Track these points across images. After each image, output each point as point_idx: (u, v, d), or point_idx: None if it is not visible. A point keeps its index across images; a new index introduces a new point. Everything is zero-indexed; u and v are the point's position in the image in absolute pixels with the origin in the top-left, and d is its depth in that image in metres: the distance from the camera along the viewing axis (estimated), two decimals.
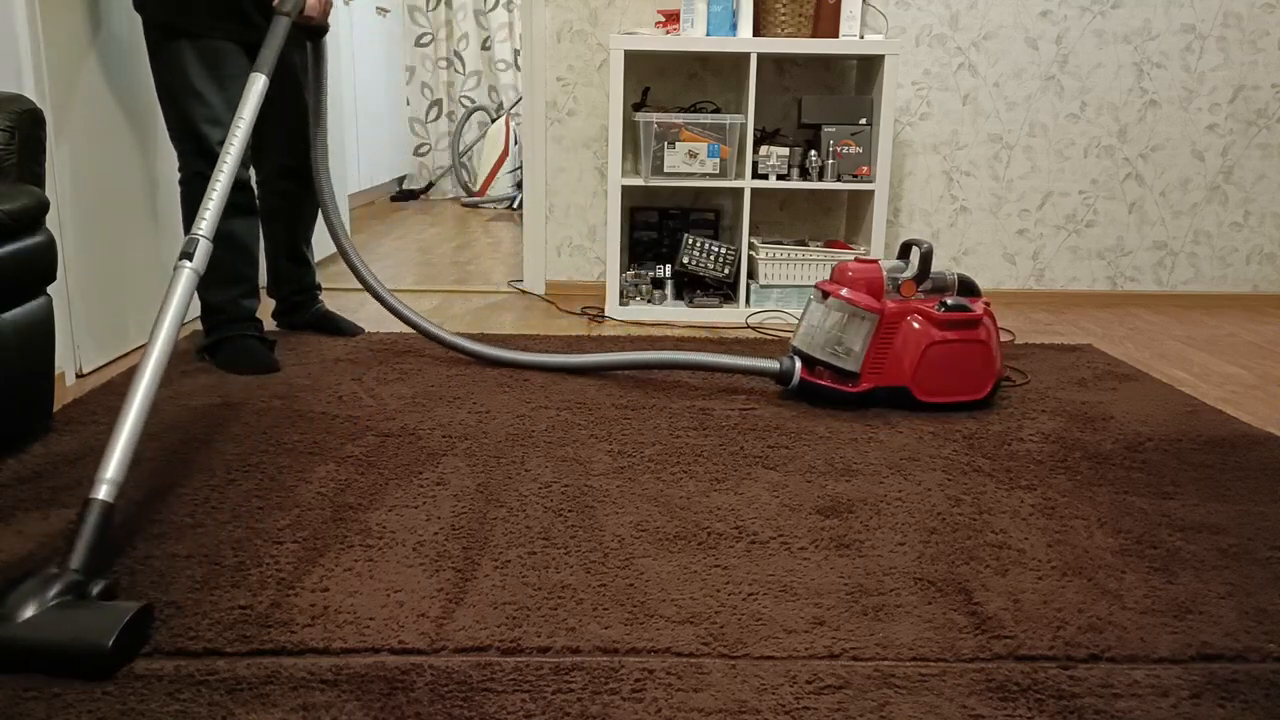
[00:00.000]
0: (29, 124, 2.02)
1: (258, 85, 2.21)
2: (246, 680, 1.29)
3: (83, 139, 2.53)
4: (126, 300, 2.76)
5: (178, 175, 2.58)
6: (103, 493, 1.48)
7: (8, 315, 1.94)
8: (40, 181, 2.07)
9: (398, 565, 1.59)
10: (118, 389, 2.41)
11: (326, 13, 2.61)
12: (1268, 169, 3.67)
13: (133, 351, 2.79)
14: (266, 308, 2.85)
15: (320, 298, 3.05)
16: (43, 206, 2.00)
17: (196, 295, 2.62)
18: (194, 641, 1.36)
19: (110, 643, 1.29)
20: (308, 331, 2.99)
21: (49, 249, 2.03)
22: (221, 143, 2.49)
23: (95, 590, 1.39)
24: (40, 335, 2.04)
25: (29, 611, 1.32)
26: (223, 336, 2.62)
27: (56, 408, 2.25)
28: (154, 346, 1.70)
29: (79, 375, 2.56)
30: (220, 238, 2.57)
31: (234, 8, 2.48)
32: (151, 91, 2.87)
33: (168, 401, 2.34)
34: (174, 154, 3.07)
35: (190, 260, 1.86)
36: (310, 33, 2.62)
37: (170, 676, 1.29)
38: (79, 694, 1.25)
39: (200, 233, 1.92)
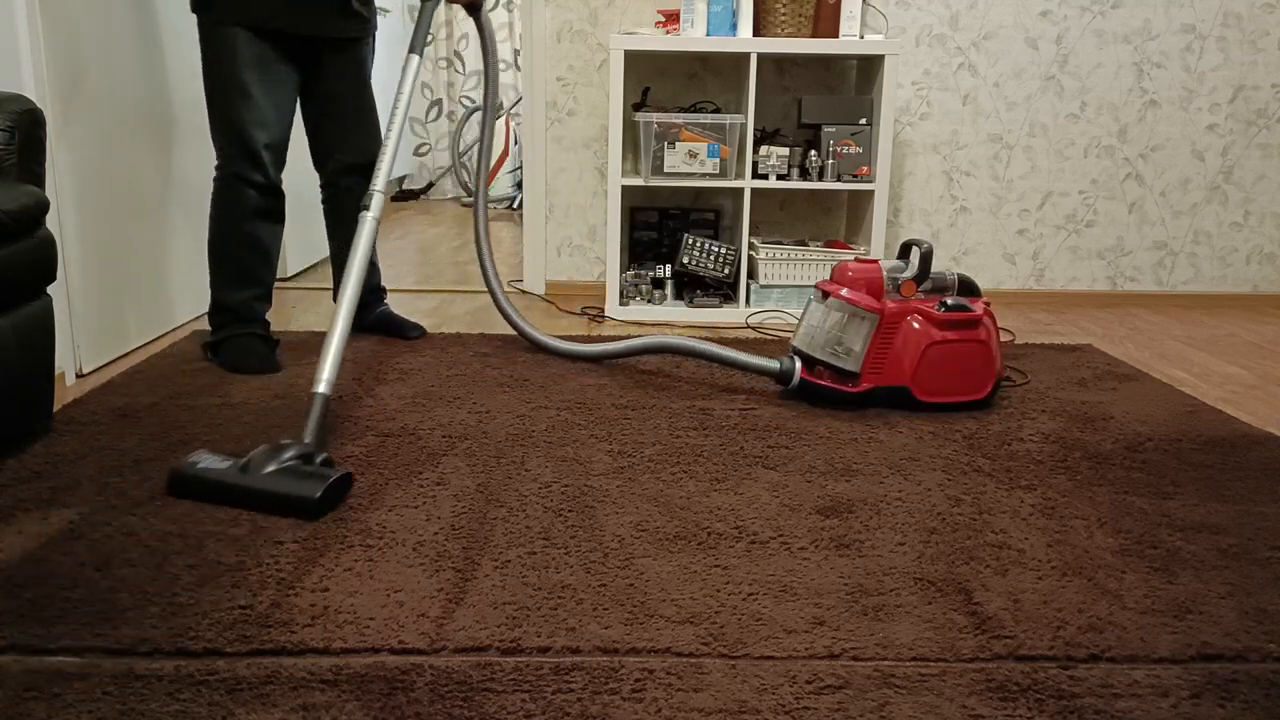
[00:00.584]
0: (29, 124, 2.02)
1: (413, 65, 2.37)
2: (246, 680, 1.29)
3: (83, 139, 2.53)
4: (126, 300, 2.76)
5: (214, 172, 2.58)
6: (323, 388, 2.00)
7: (8, 315, 1.94)
8: (40, 181, 2.07)
9: (398, 565, 1.59)
10: (118, 389, 2.41)
11: None
12: (1268, 169, 3.67)
13: (133, 352, 2.79)
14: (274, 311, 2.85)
15: (385, 299, 3.03)
16: (43, 206, 2.00)
17: (211, 294, 2.65)
18: (194, 641, 1.36)
19: (317, 495, 1.74)
20: (371, 334, 2.96)
21: (49, 249, 2.03)
22: (268, 145, 2.53)
23: (319, 459, 1.85)
24: (40, 335, 2.04)
25: (268, 469, 1.80)
26: (228, 335, 2.62)
27: (56, 408, 2.25)
28: (350, 283, 2.13)
29: (79, 375, 2.56)
30: (245, 240, 2.59)
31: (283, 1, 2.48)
32: (151, 91, 2.87)
33: (168, 401, 2.34)
34: (173, 154, 3.07)
35: (369, 210, 2.23)
36: (468, 8, 2.70)
37: (170, 676, 1.29)
38: (79, 694, 1.25)
39: (376, 187, 2.26)
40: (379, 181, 2.27)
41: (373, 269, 2.97)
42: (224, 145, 2.54)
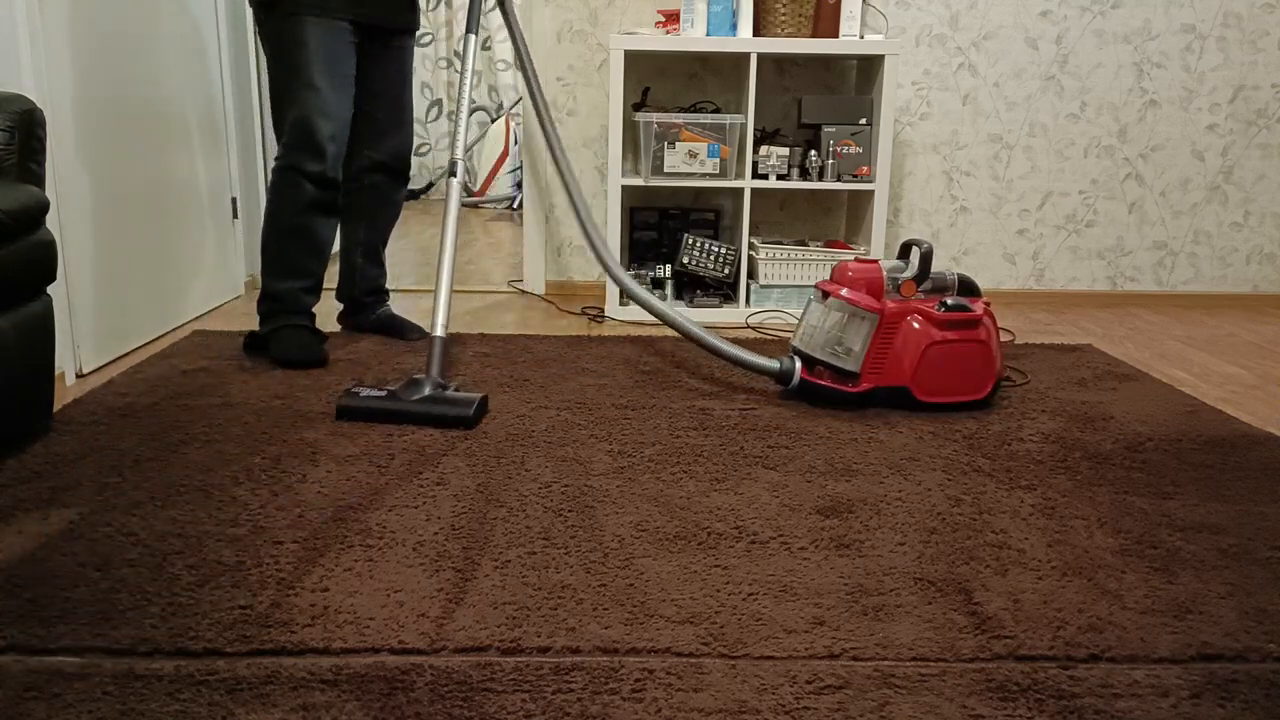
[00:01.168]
0: (29, 124, 2.02)
1: (471, 44, 2.52)
2: (246, 680, 1.29)
3: (83, 139, 2.53)
4: (126, 300, 2.76)
5: (274, 163, 2.60)
6: (439, 331, 2.37)
7: (8, 315, 1.94)
8: (40, 181, 2.07)
9: (398, 565, 1.59)
10: (118, 389, 2.41)
11: None
12: (1268, 169, 3.67)
13: (133, 352, 2.79)
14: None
15: (387, 301, 3.03)
16: (43, 206, 2.00)
17: (262, 282, 2.66)
18: (194, 641, 1.36)
19: (472, 411, 2.20)
20: (371, 334, 2.96)
21: (49, 249, 2.03)
22: (331, 137, 2.54)
23: (452, 388, 2.32)
24: (40, 335, 2.03)
25: (416, 396, 2.24)
26: (278, 326, 2.62)
27: (56, 408, 2.25)
28: (447, 240, 2.44)
29: (79, 375, 2.56)
30: (298, 232, 2.60)
31: None
32: (151, 91, 2.87)
33: (168, 401, 2.34)
34: (173, 154, 3.08)
35: (455, 175, 2.47)
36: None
37: (170, 676, 1.29)
38: (79, 694, 1.25)
39: (458, 155, 2.48)
40: (458, 150, 2.49)
41: (379, 270, 2.97)
42: (288, 138, 2.55)
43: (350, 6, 2.51)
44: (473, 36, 2.56)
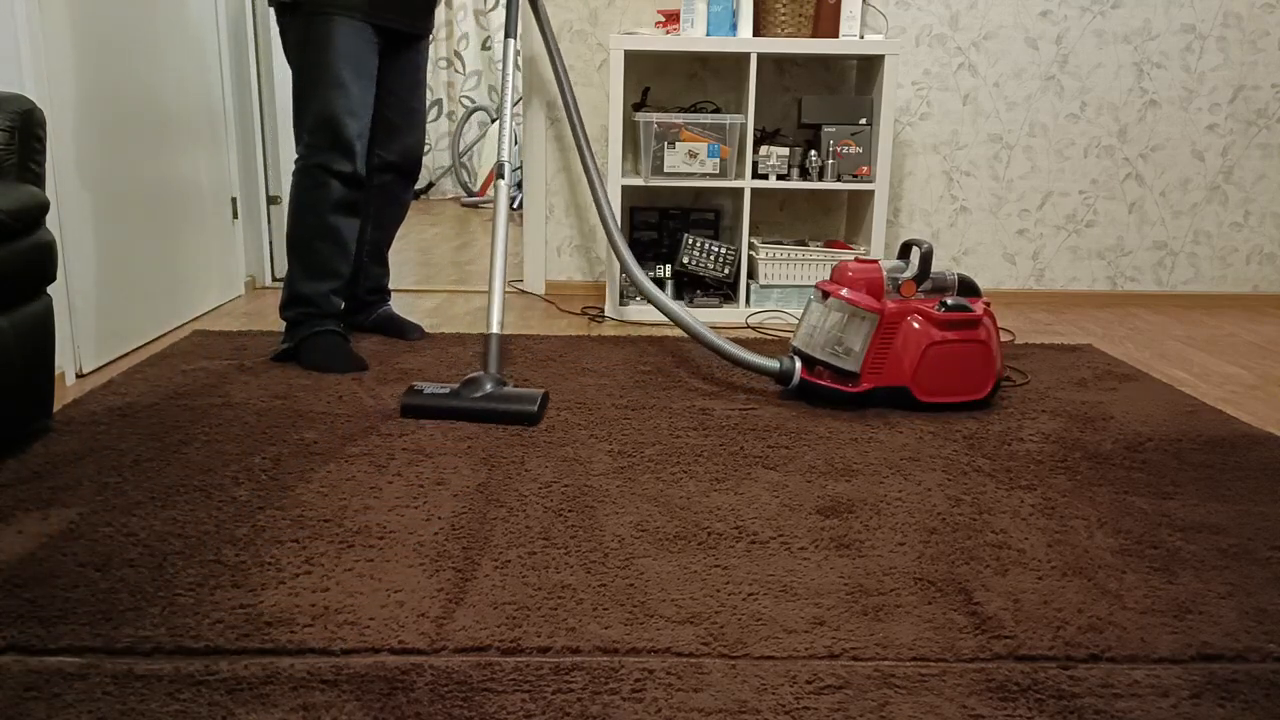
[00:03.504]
0: (29, 124, 2.02)
1: (510, 49, 2.56)
2: (246, 680, 1.29)
3: (83, 139, 2.53)
4: (126, 300, 2.76)
5: (295, 164, 2.58)
6: (495, 328, 2.43)
7: (8, 315, 1.94)
8: (40, 181, 2.07)
9: (398, 565, 1.59)
10: (118, 389, 2.41)
11: None
12: (1268, 169, 3.67)
13: (133, 352, 2.79)
14: (273, 310, 2.85)
15: (389, 300, 3.03)
16: (43, 206, 2.00)
17: (286, 288, 2.63)
18: (194, 641, 1.36)
19: (536, 407, 2.24)
20: (371, 333, 2.96)
21: (49, 249, 2.03)
22: (359, 135, 2.53)
23: (509, 384, 2.35)
24: (40, 335, 2.03)
25: (483, 392, 2.28)
26: (310, 333, 2.60)
27: (56, 408, 2.25)
28: (498, 238, 2.50)
29: (79, 375, 2.56)
30: (327, 232, 2.58)
31: None
32: (151, 91, 2.87)
33: (168, 401, 2.34)
34: (173, 154, 3.07)
35: (503, 177, 2.52)
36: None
37: (170, 676, 1.29)
38: (79, 694, 1.25)
39: (504, 157, 2.54)
40: (504, 151, 2.55)
41: (382, 270, 2.96)
42: (312, 136, 2.53)
43: (372, 10, 2.51)
44: (512, 41, 2.61)
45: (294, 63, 2.54)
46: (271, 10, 2.61)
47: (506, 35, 2.63)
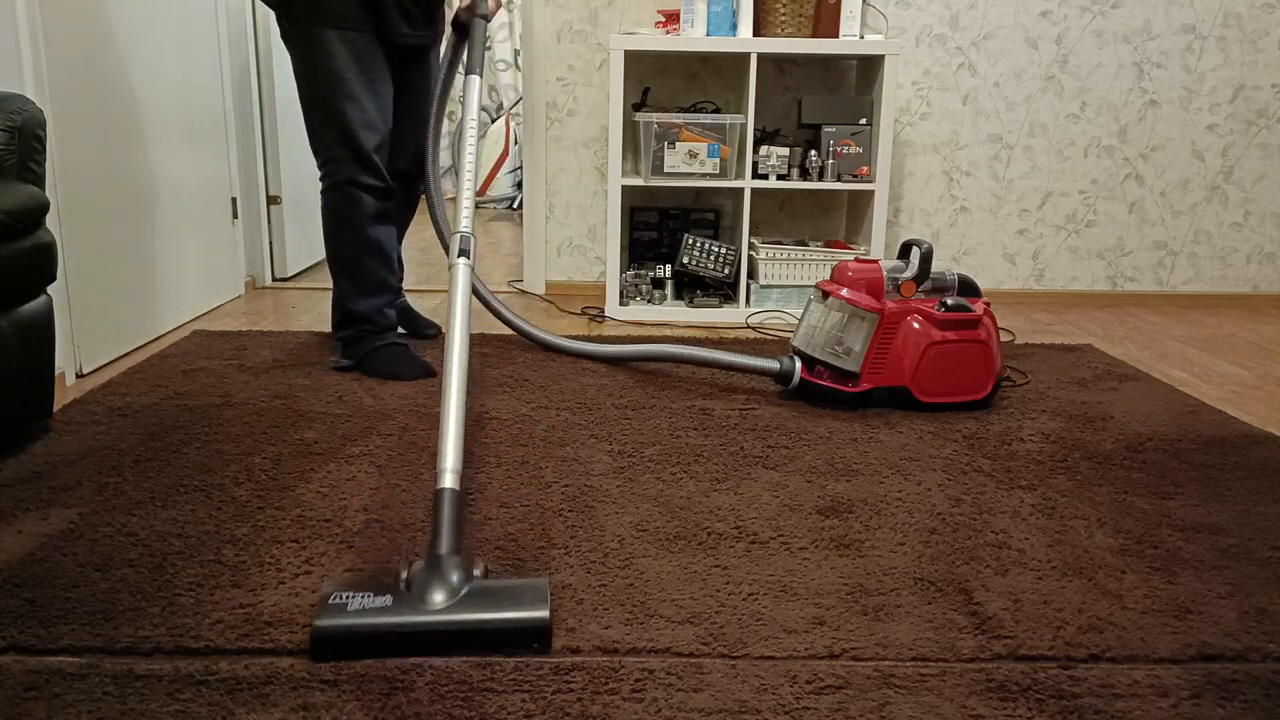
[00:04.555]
0: (29, 124, 2.02)
1: (474, 86, 2.27)
2: (247, 680, 1.29)
3: (83, 139, 2.53)
4: (126, 300, 2.76)
5: (320, 184, 2.53)
6: (450, 482, 1.56)
7: (8, 315, 1.94)
8: (40, 181, 2.07)
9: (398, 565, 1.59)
10: (118, 389, 2.41)
11: (496, 11, 2.61)
12: (1268, 169, 3.67)
13: (133, 351, 2.79)
14: (274, 312, 2.85)
15: (402, 294, 3.01)
16: (43, 206, 2.00)
17: (337, 308, 2.59)
18: (194, 641, 1.36)
19: (549, 614, 1.37)
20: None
21: (49, 249, 2.03)
22: (376, 148, 2.49)
23: (478, 571, 1.45)
24: (40, 335, 2.04)
25: (440, 598, 1.37)
26: (372, 348, 2.58)
27: (56, 408, 2.25)
28: (454, 344, 1.77)
29: (79, 375, 2.56)
30: (369, 246, 2.54)
31: (379, 6, 2.44)
32: (151, 91, 2.87)
33: (167, 401, 2.34)
34: (173, 155, 3.07)
35: (467, 257, 1.96)
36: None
37: (170, 676, 1.29)
38: (79, 694, 1.25)
39: (465, 229, 2.02)
40: (464, 222, 2.05)
41: (400, 268, 2.93)
42: (330, 153, 2.49)
43: (371, 20, 2.46)
44: (476, 78, 2.30)
45: (301, 71, 2.49)
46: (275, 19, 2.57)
47: (469, 72, 2.33)
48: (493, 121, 6.32)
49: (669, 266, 3.40)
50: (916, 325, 2.37)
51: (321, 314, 3.29)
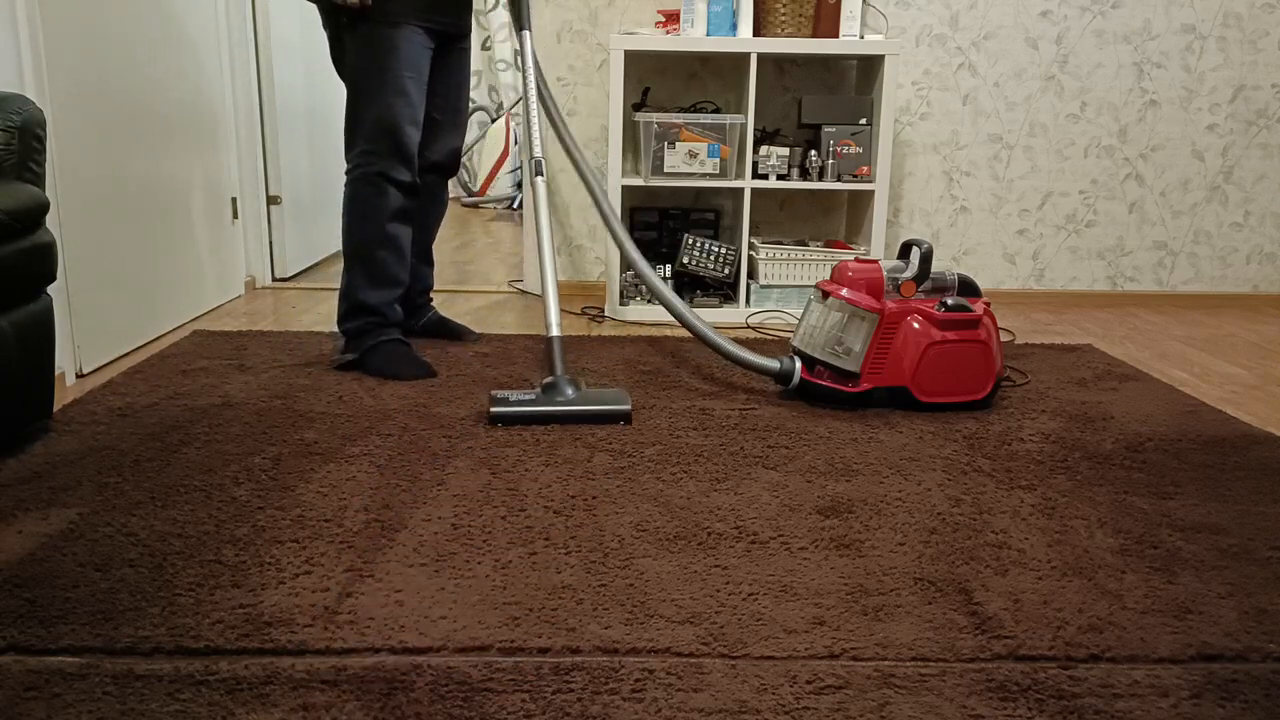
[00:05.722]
0: (29, 124, 2.02)
1: (528, 41, 2.59)
2: (246, 680, 1.29)
3: (83, 139, 2.53)
4: (126, 300, 2.76)
5: (347, 173, 2.55)
6: (555, 330, 2.41)
7: (8, 315, 1.94)
8: (40, 181, 2.07)
9: (398, 565, 1.59)
10: (118, 389, 2.41)
11: None
12: (1268, 169, 3.67)
13: (133, 352, 2.79)
14: (274, 310, 2.85)
15: (432, 303, 3.02)
16: (43, 206, 2.00)
17: (344, 299, 2.60)
18: (194, 641, 1.36)
19: (629, 405, 2.27)
20: (421, 338, 2.89)
21: (49, 249, 2.03)
22: (417, 145, 2.53)
23: (582, 386, 2.34)
24: (40, 335, 2.04)
25: (567, 395, 2.28)
26: (375, 342, 2.58)
27: (56, 408, 2.25)
28: (544, 244, 2.50)
29: (79, 375, 2.56)
30: (388, 240, 2.56)
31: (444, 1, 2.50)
32: (151, 91, 2.87)
33: (167, 401, 2.34)
34: (172, 154, 3.07)
35: (542, 176, 2.54)
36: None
37: (170, 676, 1.29)
38: (79, 694, 1.25)
39: (537, 153, 2.55)
40: (537, 147, 2.56)
41: (428, 269, 2.94)
42: (370, 144, 2.50)
43: (427, 13, 2.49)
44: (528, 33, 2.63)
45: (352, 69, 2.50)
46: (320, 15, 2.57)
47: (521, 28, 2.63)
48: (493, 121, 6.32)
49: (669, 266, 3.40)
50: (916, 325, 2.37)
51: (321, 314, 3.29)
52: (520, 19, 2.63)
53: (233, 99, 3.43)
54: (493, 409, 2.20)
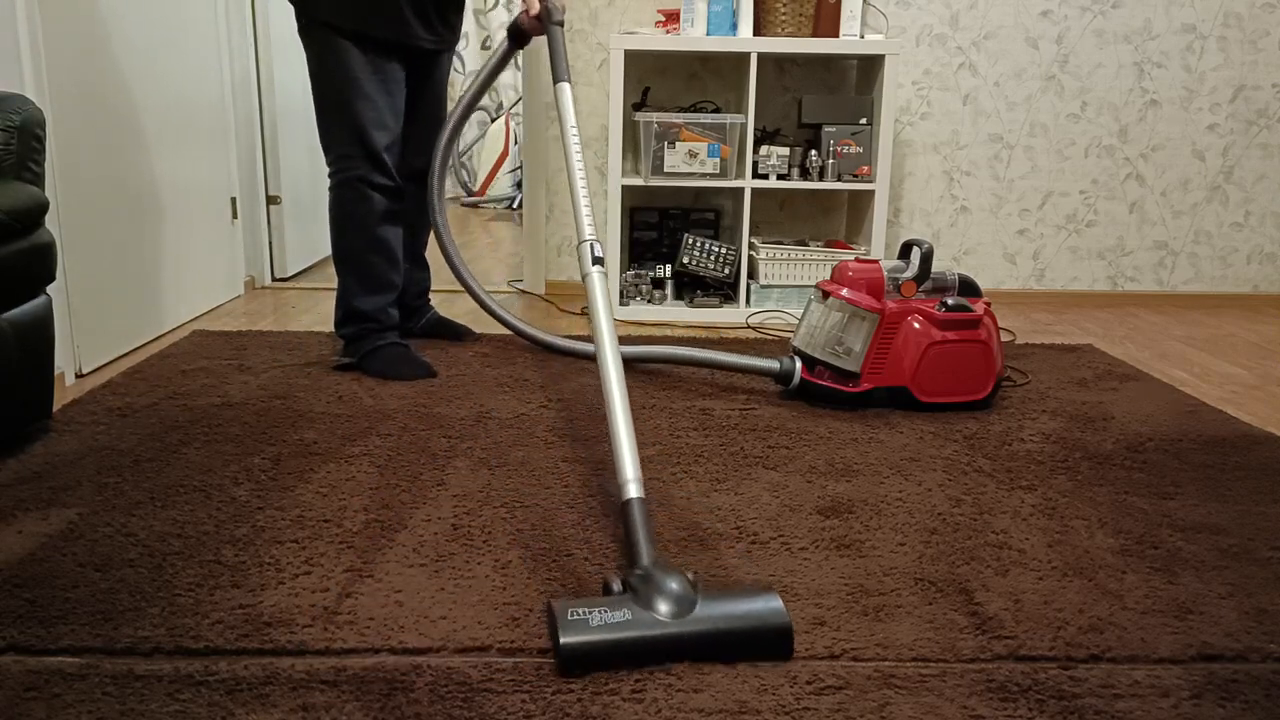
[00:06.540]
0: (29, 124, 2.02)
1: (566, 94, 2.28)
2: (246, 680, 1.29)
3: (83, 139, 2.53)
4: (126, 300, 2.76)
5: (329, 180, 2.54)
6: (636, 491, 1.57)
7: (8, 315, 1.93)
8: (40, 181, 2.07)
9: (398, 565, 1.59)
10: (118, 389, 2.41)
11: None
12: (1268, 169, 3.67)
13: (132, 352, 2.79)
14: (274, 311, 2.85)
15: (431, 304, 3.01)
16: (43, 206, 2.00)
17: (339, 305, 2.59)
18: (194, 641, 1.36)
19: (789, 619, 1.37)
20: (421, 339, 2.90)
21: (49, 249, 2.03)
22: (388, 147, 2.51)
23: (690, 576, 1.42)
24: (40, 335, 2.03)
25: (679, 609, 1.36)
26: (373, 347, 2.58)
27: (56, 408, 2.25)
28: (606, 353, 1.76)
29: (79, 375, 2.56)
30: (376, 245, 2.55)
31: (397, 12, 2.45)
32: (150, 91, 2.87)
33: (167, 401, 2.34)
34: (172, 154, 3.07)
35: (601, 265, 1.97)
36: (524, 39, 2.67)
37: (170, 676, 1.29)
38: (79, 694, 1.25)
39: (591, 236, 2.02)
40: (588, 229, 2.04)
41: (424, 273, 2.93)
42: (343, 150, 2.50)
43: (395, 26, 2.46)
44: (566, 85, 2.29)
45: (316, 69, 2.50)
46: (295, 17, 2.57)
47: (558, 80, 2.31)
48: (493, 121, 6.32)
49: (669, 266, 3.40)
50: (917, 325, 2.37)
51: (321, 314, 3.29)
52: (557, 70, 2.36)
53: (232, 99, 3.43)
54: (564, 639, 1.32)
